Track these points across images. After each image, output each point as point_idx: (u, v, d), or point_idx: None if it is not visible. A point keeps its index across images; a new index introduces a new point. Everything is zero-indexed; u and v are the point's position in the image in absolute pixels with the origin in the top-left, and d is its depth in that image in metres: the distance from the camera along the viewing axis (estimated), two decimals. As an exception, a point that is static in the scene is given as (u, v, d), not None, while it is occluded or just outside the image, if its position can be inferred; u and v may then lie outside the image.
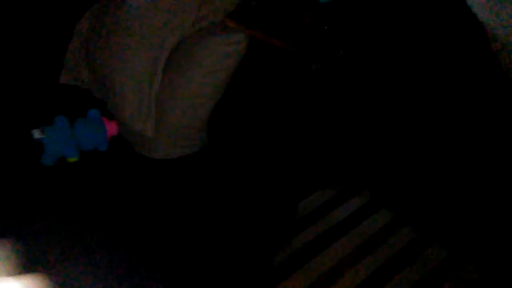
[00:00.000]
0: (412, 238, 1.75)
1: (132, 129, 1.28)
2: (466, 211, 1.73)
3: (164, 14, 1.23)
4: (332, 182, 1.96)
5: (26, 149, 1.25)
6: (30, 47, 1.47)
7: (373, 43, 1.84)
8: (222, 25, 1.22)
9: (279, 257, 1.62)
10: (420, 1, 1.64)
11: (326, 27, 1.70)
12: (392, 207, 1.87)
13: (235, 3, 1.23)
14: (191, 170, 1.30)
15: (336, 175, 2.00)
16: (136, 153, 1.32)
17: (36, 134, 1.26)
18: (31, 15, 1.48)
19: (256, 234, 1.43)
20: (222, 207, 1.28)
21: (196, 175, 1.30)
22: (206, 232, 1.24)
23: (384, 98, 1.87)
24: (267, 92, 1.44)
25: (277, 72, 1.47)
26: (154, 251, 1.13)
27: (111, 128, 1.34)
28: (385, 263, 1.65)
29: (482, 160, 1.67)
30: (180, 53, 1.21)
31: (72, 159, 1.30)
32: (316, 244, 1.69)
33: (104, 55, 1.31)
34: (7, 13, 1.46)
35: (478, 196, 1.69)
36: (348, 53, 1.91)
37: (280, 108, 1.47)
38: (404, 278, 1.60)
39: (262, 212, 1.42)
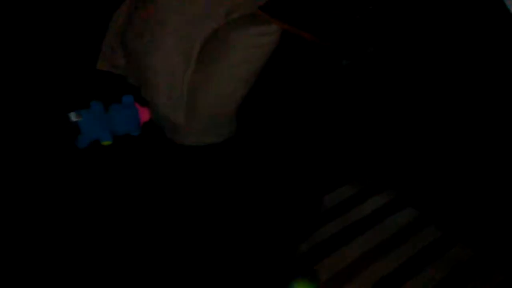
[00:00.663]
0: (437, 237, 1.75)
1: (164, 116, 1.31)
2: (493, 212, 1.71)
3: (197, 6, 1.26)
4: (358, 177, 1.96)
5: (62, 131, 1.30)
6: (69, 34, 1.52)
7: (404, 41, 1.83)
8: (254, 16, 1.24)
9: (303, 248, 1.64)
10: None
11: (358, 16, 1.70)
12: (418, 206, 1.86)
13: (268, -5, 1.25)
14: (219, 158, 1.33)
15: (362, 171, 2.00)
16: (167, 139, 1.36)
17: (73, 117, 1.31)
18: (71, 2, 1.54)
19: (280, 225, 1.45)
20: (248, 196, 1.30)
21: (224, 163, 1.32)
22: (231, 220, 1.26)
23: (413, 97, 1.86)
24: (297, 85, 1.46)
25: (307, 66, 1.49)
26: (179, 238, 1.17)
27: (144, 114, 1.38)
28: (407, 260, 1.65)
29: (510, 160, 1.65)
30: (212, 43, 1.24)
31: (105, 143, 1.34)
32: (339, 238, 1.70)
33: (139, 43, 1.35)
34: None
35: (505, 197, 1.67)
36: (377, 51, 1.91)
37: (309, 102, 1.49)
38: (426, 276, 1.60)
39: (288, 203, 1.44)
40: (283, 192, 1.40)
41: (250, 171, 1.33)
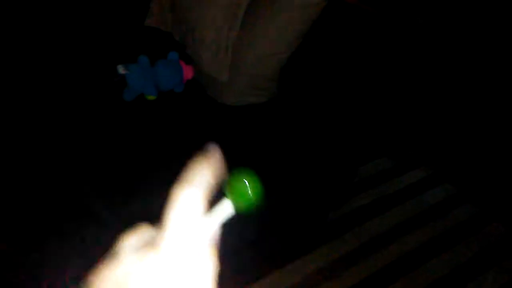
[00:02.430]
0: (471, 215, 1.72)
1: (208, 73, 1.33)
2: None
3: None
4: (396, 151, 1.94)
5: (111, 83, 1.35)
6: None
7: (450, 15, 1.77)
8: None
9: (334, 216, 1.65)
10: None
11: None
12: (455, 183, 1.83)
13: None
14: (259, 119, 1.34)
15: (401, 145, 1.98)
16: (209, 97, 1.39)
17: (121, 69, 1.36)
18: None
19: (315, 190, 1.46)
20: (285, 159, 1.31)
21: (263, 125, 1.34)
22: (268, 181, 1.28)
23: (458, 73, 1.81)
24: (340, 52, 1.44)
25: (353, 34, 1.46)
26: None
27: (188, 72, 1.41)
28: (437, 236, 1.64)
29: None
30: (259, 2, 1.24)
31: (150, 97, 1.38)
32: (371, 208, 1.70)
33: (187, 1, 1.36)
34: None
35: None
36: (426, 24, 1.85)
37: (352, 70, 1.47)
38: (455, 254, 1.59)
39: (323, 170, 1.45)
40: (319, 158, 1.41)
41: (289, 133, 1.34)
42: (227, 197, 0.35)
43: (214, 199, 0.35)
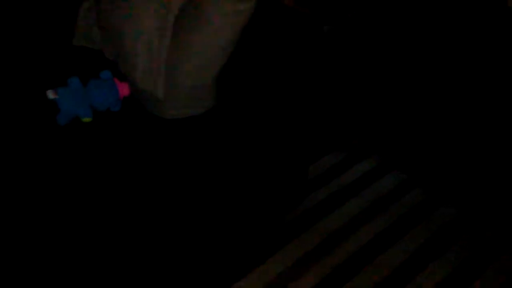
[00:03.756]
0: (423, 199, 1.77)
1: (143, 89, 1.30)
2: (477, 171, 1.73)
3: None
4: (343, 145, 1.97)
5: (41, 109, 1.29)
6: (43, 11, 1.48)
7: (384, 7, 1.81)
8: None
9: (291, 216, 1.65)
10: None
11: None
12: (404, 169, 1.88)
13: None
14: (200, 130, 1.32)
15: (347, 138, 2.01)
16: (147, 113, 1.35)
17: (50, 94, 1.30)
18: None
19: (267, 194, 1.46)
20: (232, 168, 1.30)
21: (206, 135, 1.32)
22: (217, 191, 1.27)
23: (395, 59, 1.85)
24: (276, 52, 1.44)
25: (287, 33, 1.47)
26: (161, 210, 1.17)
27: (123, 89, 1.36)
28: (394, 222, 1.67)
29: (491, 118, 1.66)
30: (188, 12, 1.21)
31: (86, 119, 1.33)
32: (326, 204, 1.72)
33: (114, 15, 1.32)
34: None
35: (489, 156, 1.69)
36: (358, 16, 1.89)
37: (290, 70, 1.47)
38: (413, 237, 1.63)
39: (273, 172, 1.45)
40: (267, 163, 1.41)
41: (233, 142, 1.32)
42: None
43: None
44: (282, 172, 1.49)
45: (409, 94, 1.84)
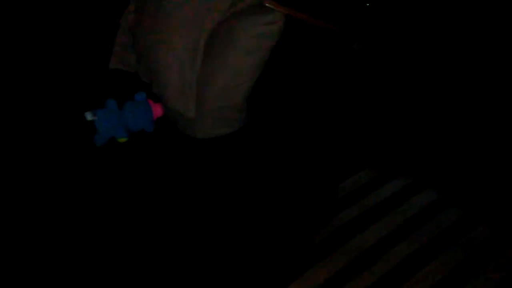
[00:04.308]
0: (458, 218, 1.73)
1: (175, 110, 1.34)
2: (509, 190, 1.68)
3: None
4: (374, 163, 1.96)
5: (80, 131, 1.35)
6: (82, 35, 1.56)
7: (414, 25, 1.81)
8: (259, 6, 1.25)
9: (321, 235, 1.65)
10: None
11: (368, 4, 1.68)
12: (438, 187, 1.84)
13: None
14: (233, 149, 1.34)
15: (377, 156, 1.99)
16: (180, 133, 1.39)
17: (89, 116, 1.35)
18: (84, 5, 1.58)
19: (298, 213, 1.46)
20: (265, 186, 1.32)
21: (238, 154, 1.34)
22: (250, 209, 1.28)
23: (428, 78, 1.84)
24: (306, 71, 1.46)
25: (316, 52, 1.48)
26: (193, 228, 1.19)
27: (157, 110, 1.41)
28: (427, 242, 1.64)
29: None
30: (218, 35, 1.25)
31: (122, 140, 1.38)
32: (357, 223, 1.70)
33: (149, 39, 1.37)
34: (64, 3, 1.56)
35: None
36: (388, 33, 1.89)
37: (321, 88, 1.49)
38: (446, 258, 1.59)
39: (304, 191, 1.45)
40: (298, 181, 1.42)
41: (265, 160, 1.34)
42: None
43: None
44: (313, 190, 1.49)
45: (440, 111, 1.81)
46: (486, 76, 1.67)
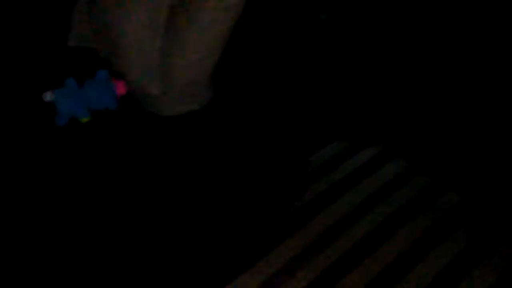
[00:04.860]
0: (424, 187, 1.76)
1: (139, 88, 1.30)
2: (479, 158, 1.72)
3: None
4: (342, 134, 1.97)
5: (39, 111, 1.30)
6: (38, 12, 1.49)
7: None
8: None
9: (293, 208, 1.66)
10: None
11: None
12: (405, 157, 1.87)
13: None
14: (198, 126, 1.32)
15: (346, 127, 2.00)
16: (144, 111, 1.35)
17: (48, 96, 1.30)
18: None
19: (269, 187, 1.46)
20: (231, 162, 1.30)
21: (203, 131, 1.32)
22: (218, 186, 1.27)
23: (394, 49, 1.83)
24: (272, 44, 1.44)
25: (282, 24, 1.46)
26: (162, 206, 1.18)
27: (120, 88, 1.36)
28: (397, 210, 1.67)
29: (490, 106, 1.64)
30: (179, 9, 1.21)
31: (84, 119, 1.33)
32: (329, 194, 1.72)
33: (107, 15, 1.32)
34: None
35: (490, 143, 1.67)
36: (355, 3, 1.86)
37: (287, 61, 1.47)
38: (415, 226, 1.63)
39: (274, 165, 1.45)
40: (267, 156, 1.41)
41: (232, 137, 1.32)
42: None
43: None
44: (283, 164, 1.49)
45: (408, 81, 1.82)
46: (455, 46, 1.67)
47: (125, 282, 1.13)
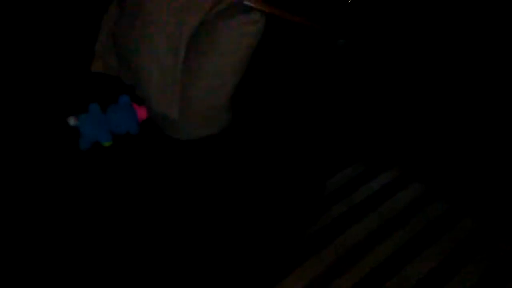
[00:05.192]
0: (443, 211, 1.74)
1: (158, 112, 1.33)
2: (497, 182, 1.69)
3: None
4: (361, 158, 1.96)
5: (64, 135, 1.34)
6: (61, 39, 1.54)
7: (401, 17, 1.81)
8: (240, 6, 1.24)
9: (309, 232, 1.65)
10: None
11: (349, 1, 1.68)
12: (424, 181, 1.85)
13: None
14: (218, 149, 1.34)
15: (364, 151, 1.99)
16: (165, 135, 1.38)
17: (72, 121, 1.34)
18: (63, 8, 1.56)
19: (285, 210, 1.46)
20: (251, 186, 1.32)
21: (224, 154, 1.34)
22: (236, 208, 1.28)
23: (413, 72, 1.84)
24: (290, 69, 1.46)
25: (300, 49, 1.48)
26: (185, 230, 1.19)
27: (141, 113, 1.40)
28: (415, 236, 1.65)
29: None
30: (199, 36, 1.24)
31: (106, 144, 1.37)
32: (346, 219, 1.71)
33: (129, 41, 1.36)
34: (42, 5, 1.54)
35: (507, 168, 1.65)
36: (374, 27, 1.88)
37: (306, 85, 1.48)
38: (434, 251, 1.60)
39: (291, 189, 1.45)
40: (285, 179, 1.42)
41: (251, 160, 1.34)
42: None
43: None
44: (300, 188, 1.49)
45: (427, 105, 1.82)
46: (473, 70, 1.67)
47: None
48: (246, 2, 1.25)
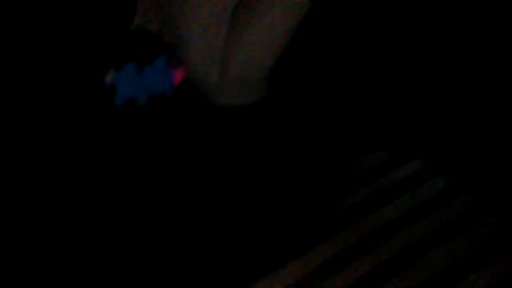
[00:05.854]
0: (469, 206, 1.72)
1: (196, 75, 1.33)
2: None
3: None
4: (390, 145, 1.94)
5: (101, 91, 1.35)
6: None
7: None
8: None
9: (333, 212, 1.65)
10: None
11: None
12: (451, 174, 1.83)
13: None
14: (251, 119, 1.34)
15: (391, 138, 1.97)
16: (200, 100, 1.38)
17: (109, 78, 1.35)
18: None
19: (312, 188, 1.47)
20: (280, 158, 1.32)
21: (256, 125, 1.34)
22: (264, 181, 1.29)
23: (448, 60, 1.80)
24: (331, 46, 1.44)
25: (343, 29, 1.46)
26: (217, 199, 1.20)
27: (178, 75, 1.40)
28: (438, 227, 1.64)
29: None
30: (248, 2, 1.23)
31: (140, 103, 1.38)
32: (370, 203, 1.70)
33: (172, 6, 1.35)
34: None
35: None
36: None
37: (344, 65, 1.46)
38: (456, 245, 1.59)
39: (320, 165, 1.45)
40: (315, 155, 1.41)
41: (282, 133, 1.33)
42: None
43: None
44: (329, 166, 1.49)
45: (457, 96, 1.79)
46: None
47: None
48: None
